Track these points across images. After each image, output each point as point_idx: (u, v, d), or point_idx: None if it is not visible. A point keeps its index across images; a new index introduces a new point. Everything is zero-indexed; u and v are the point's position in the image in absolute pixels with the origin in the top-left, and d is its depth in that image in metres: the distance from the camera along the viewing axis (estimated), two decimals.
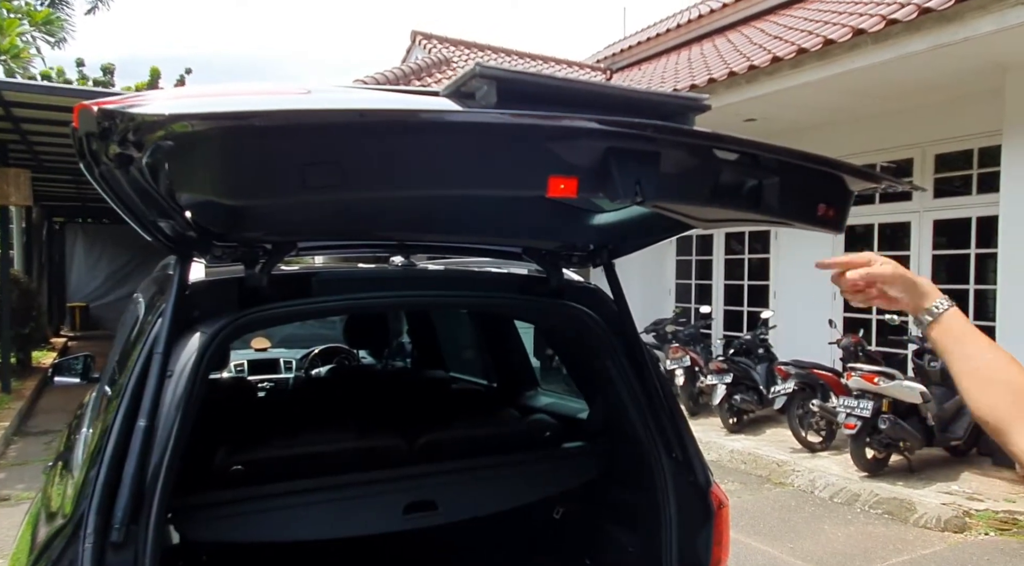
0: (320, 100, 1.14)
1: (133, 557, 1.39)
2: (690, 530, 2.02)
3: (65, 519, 1.50)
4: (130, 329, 2.13)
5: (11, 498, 5.56)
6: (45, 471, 2.45)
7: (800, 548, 4.61)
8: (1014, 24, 4.89)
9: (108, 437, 1.45)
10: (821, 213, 1.49)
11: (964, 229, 6.89)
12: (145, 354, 1.55)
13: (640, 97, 1.35)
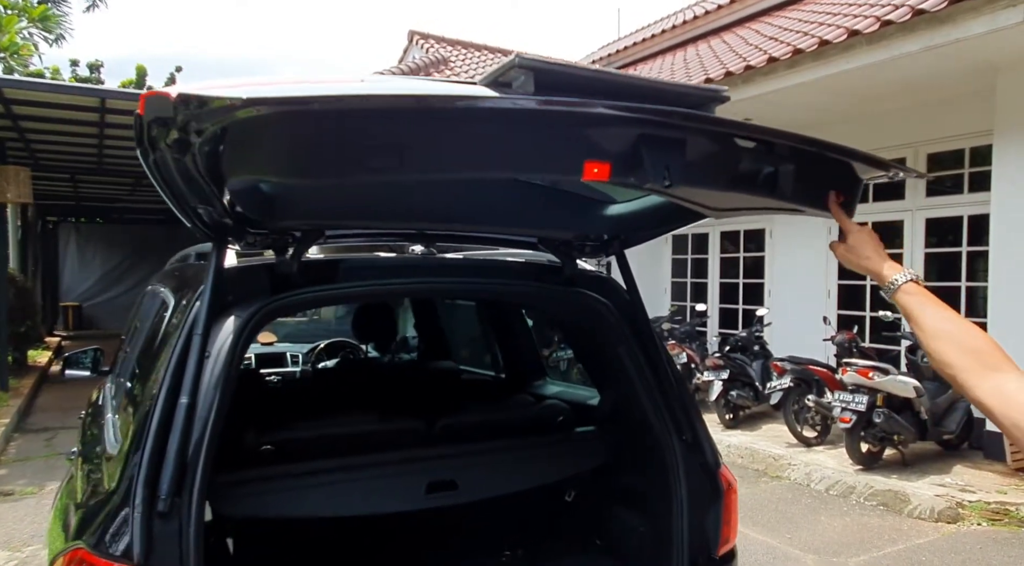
0: (378, 88, 1.20)
1: (178, 527, 1.45)
2: (700, 510, 2.10)
3: (108, 493, 1.56)
4: (155, 317, 2.19)
5: (15, 493, 5.59)
6: (70, 457, 2.50)
7: (798, 538, 4.70)
8: (1005, 26, 5.00)
9: (152, 414, 1.51)
10: (829, 200, 1.57)
11: (956, 227, 7.01)
12: (184, 336, 1.61)
13: (667, 88, 1.43)
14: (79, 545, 1.47)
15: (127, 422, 1.74)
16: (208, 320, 1.58)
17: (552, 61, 1.28)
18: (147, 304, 2.75)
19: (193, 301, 1.71)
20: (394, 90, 1.24)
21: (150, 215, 20.29)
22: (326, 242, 1.96)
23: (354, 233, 2.01)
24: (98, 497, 1.63)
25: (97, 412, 2.78)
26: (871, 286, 7.82)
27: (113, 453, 1.78)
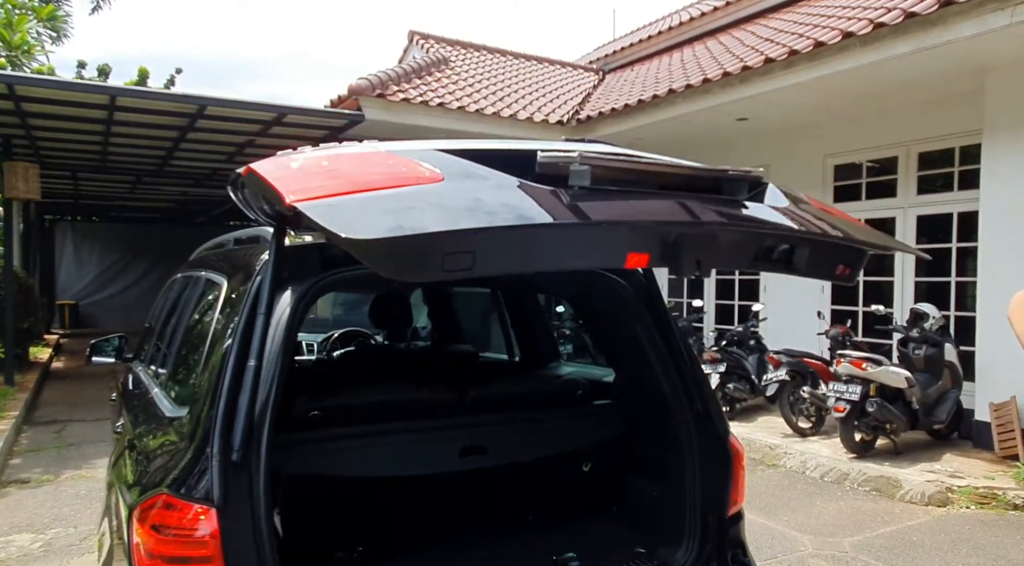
0: (457, 196, 1.28)
1: (248, 477, 1.61)
2: (712, 475, 2.27)
3: (182, 449, 1.72)
4: (204, 296, 2.34)
5: (31, 481, 5.72)
6: (117, 431, 2.65)
7: (794, 520, 4.89)
8: (993, 28, 5.20)
9: (223, 377, 1.67)
10: (839, 272, 1.77)
11: (946, 224, 7.22)
12: (248, 308, 1.77)
13: (705, 174, 1.57)
14: (162, 491, 1.62)
15: (191, 388, 1.90)
16: (271, 293, 1.74)
17: (608, 157, 1.42)
18: (186, 289, 2.91)
19: (253, 278, 1.87)
20: (484, 213, 1.27)
21: (148, 213, 20.39)
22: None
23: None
24: (170, 453, 1.78)
25: (136, 390, 2.93)
26: (863, 282, 8.03)
27: (176, 416, 1.93)
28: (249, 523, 1.58)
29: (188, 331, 2.41)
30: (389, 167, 1.35)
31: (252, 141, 9.67)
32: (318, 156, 1.41)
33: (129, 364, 3.96)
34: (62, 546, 4.38)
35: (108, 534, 2.19)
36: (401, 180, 1.29)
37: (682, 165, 1.57)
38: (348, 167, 1.35)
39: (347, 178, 1.28)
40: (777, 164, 8.97)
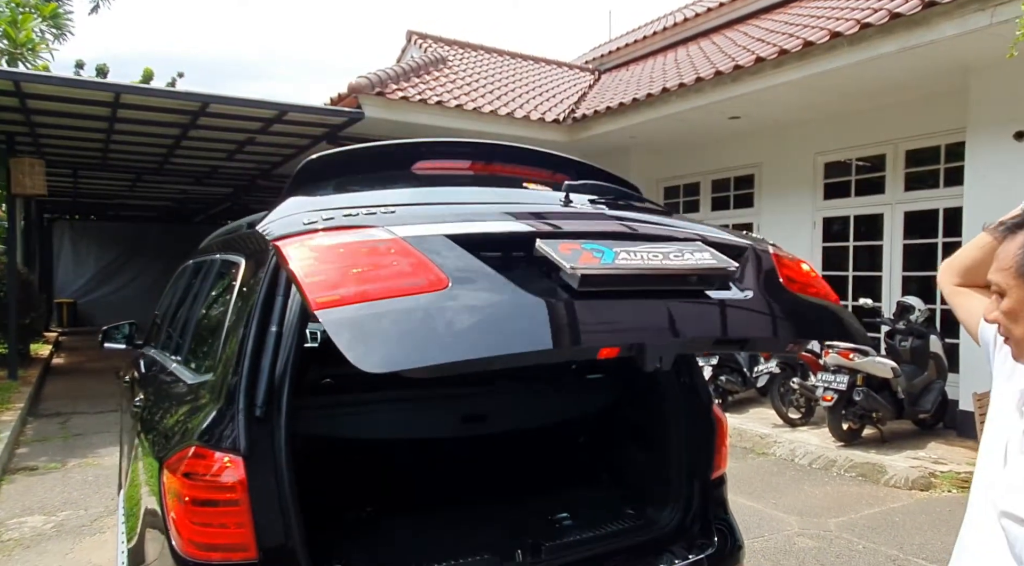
0: (461, 313, 1.41)
1: (270, 431, 1.77)
2: (697, 442, 2.43)
3: (208, 407, 1.87)
4: (222, 274, 2.49)
5: (39, 468, 5.85)
6: (136, 405, 2.80)
7: (782, 503, 5.06)
8: (975, 28, 5.38)
9: (246, 341, 1.83)
10: (789, 349, 1.95)
11: (932, 220, 7.40)
12: (268, 281, 1.92)
13: (682, 270, 1.67)
14: (191, 443, 1.77)
15: (213, 356, 2.04)
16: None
17: (598, 270, 1.55)
18: (200, 272, 3.06)
19: (271, 256, 2.02)
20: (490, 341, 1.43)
21: (146, 212, 20.49)
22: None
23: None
24: (197, 412, 1.94)
25: (154, 368, 3.09)
26: (853, 276, 8.22)
27: (201, 380, 2.09)
28: (271, 472, 1.74)
29: (208, 307, 2.56)
30: (400, 266, 1.45)
31: (253, 138, 9.82)
32: (335, 244, 1.50)
33: (140, 350, 4.10)
34: (73, 527, 4.53)
35: (133, 504, 2.34)
36: (411, 286, 1.41)
37: (664, 266, 1.65)
38: (364, 263, 1.45)
39: (363, 278, 1.41)
40: (769, 162, 9.15)
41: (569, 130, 10.04)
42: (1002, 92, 6.20)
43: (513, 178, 2.32)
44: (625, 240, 1.69)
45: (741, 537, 2.45)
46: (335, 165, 2.11)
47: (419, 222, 1.57)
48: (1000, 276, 1.23)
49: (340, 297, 1.36)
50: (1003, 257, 1.24)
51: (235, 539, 1.67)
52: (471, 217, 1.66)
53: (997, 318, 1.25)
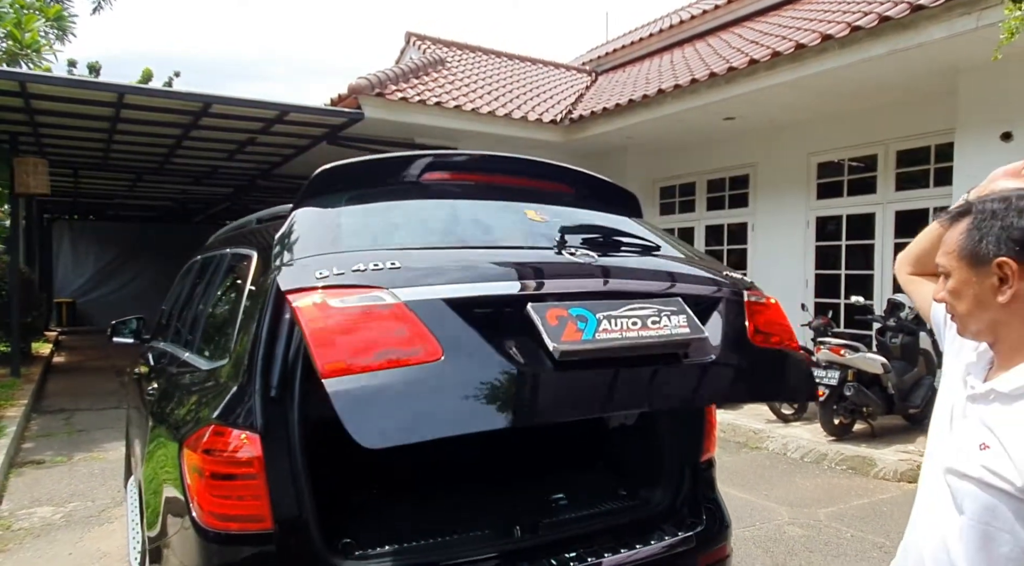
0: (454, 388, 1.65)
1: (284, 410, 1.88)
2: (687, 427, 2.55)
3: (224, 391, 1.98)
4: (234, 266, 2.60)
5: (46, 461, 5.96)
6: (150, 394, 2.91)
7: (774, 495, 5.18)
8: (961, 31, 5.51)
9: (262, 327, 1.94)
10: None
11: (923, 219, 7.53)
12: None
13: (657, 342, 1.89)
14: (210, 422, 1.89)
15: (228, 342, 2.16)
16: None
17: (579, 346, 1.77)
18: (209, 267, 3.18)
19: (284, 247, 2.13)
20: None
21: (146, 212, 20.57)
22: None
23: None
24: (213, 395, 2.05)
25: (165, 360, 3.20)
26: (845, 275, 8.35)
27: (216, 366, 2.20)
28: (285, 449, 1.85)
29: (221, 298, 2.67)
30: (400, 334, 1.64)
31: (253, 139, 9.92)
32: (344, 307, 1.66)
33: (148, 344, 4.21)
34: (82, 517, 4.64)
35: (147, 489, 2.45)
36: (408, 356, 1.61)
37: (638, 340, 1.86)
38: (369, 329, 1.64)
39: (367, 347, 1.61)
40: (763, 162, 9.28)
41: (566, 131, 10.16)
42: (990, 94, 6.34)
43: (517, 191, 2.42)
44: (610, 299, 1.89)
45: (729, 517, 2.58)
46: (347, 176, 2.19)
47: (421, 281, 1.73)
48: (945, 259, 1.36)
49: (346, 365, 1.55)
50: (948, 242, 1.36)
51: (252, 511, 1.79)
52: (469, 273, 1.81)
53: (944, 298, 1.37)
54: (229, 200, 16.43)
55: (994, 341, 1.33)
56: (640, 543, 2.26)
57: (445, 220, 2.18)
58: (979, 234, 1.29)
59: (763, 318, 2.16)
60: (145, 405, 2.98)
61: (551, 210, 2.30)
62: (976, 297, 1.30)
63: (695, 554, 2.35)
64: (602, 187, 2.66)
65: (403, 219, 2.15)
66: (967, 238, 1.31)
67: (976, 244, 1.29)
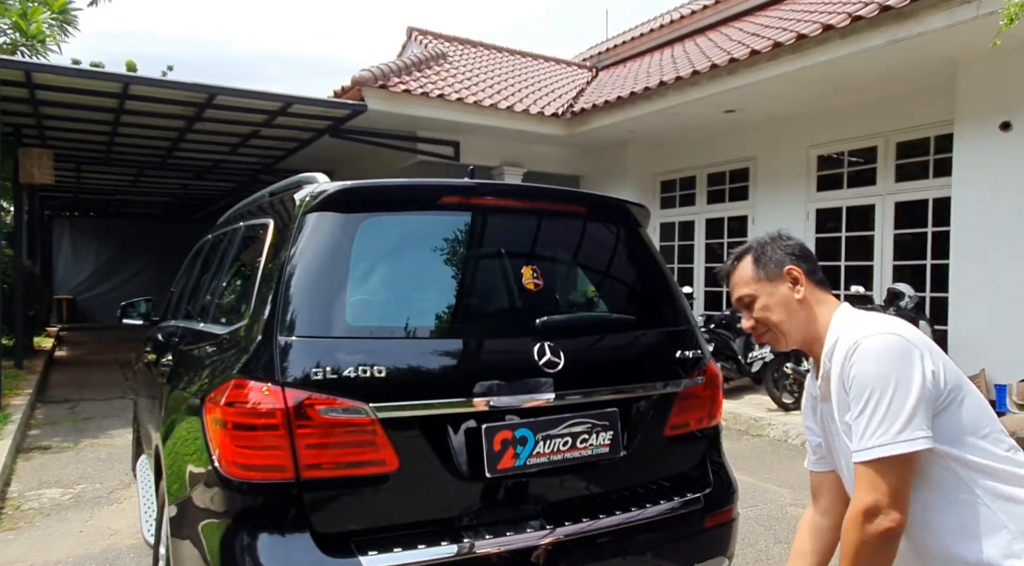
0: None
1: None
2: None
3: (244, 349, 2.03)
4: (251, 236, 2.65)
5: (52, 447, 6.00)
6: (165, 366, 2.96)
7: (775, 478, 5.23)
8: (961, 20, 5.57)
9: (280, 286, 1.99)
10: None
11: (922, 209, 7.60)
12: (296, 236, 2.09)
13: (579, 460, 2.24)
14: (235, 376, 1.94)
15: (247, 305, 2.20)
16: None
17: (510, 472, 2.09)
18: (222, 242, 3.22)
19: (299, 211, 2.18)
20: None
21: (146, 208, 20.60)
22: None
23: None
24: (232, 354, 2.10)
25: (178, 333, 3.25)
26: (845, 266, 8.41)
27: (234, 328, 2.25)
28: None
29: (238, 265, 2.72)
30: (370, 445, 1.97)
31: (257, 132, 9.96)
32: (332, 420, 1.90)
33: (158, 325, 4.26)
34: (90, 499, 4.68)
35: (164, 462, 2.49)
36: (372, 465, 1.98)
37: (565, 461, 2.22)
38: (347, 439, 1.95)
39: (342, 454, 1.96)
40: (763, 155, 9.34)
41: (568, 124, 10.21)
42: (988, 84, 6.40)
43: (527, 226, 2.46)
44: (555, 415, 2.16)
45: (735, 482, 2.63)
46: (365, 198, 2.19)
47: (399, 395, 1.95)
48: (748, 288, 1.70)
49: (322, 471, 1.87)
50: (743, 277, 1.72)
51: (275, 461, 1.84)
52: (444, 387, 2.03)
53: (753, 323, 1.70)
54: (230, 196, 16.46)
55: (807, 341, 1.66)
56: (649, 503, 2.30)
57: (445, 284, 2.27)
58: (765, 258, 1.68)
59: (687, 404, 2.49)
60: (160, 376, 3.02)
61: (548, 267, 2.40)
62: (781, 303, 1.65)
63: (703, 515, 2.40)
64: (606, 203, 2.71)
65: (406, 276, 2.24)
66: (757, 265, 1.69)
67: (766, 265, 1.67)
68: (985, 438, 1.46)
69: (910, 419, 1.39)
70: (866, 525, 1.40)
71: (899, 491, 1.39)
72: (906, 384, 1.40)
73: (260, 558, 1.82)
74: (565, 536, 2.09)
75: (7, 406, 6.90)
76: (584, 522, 2.14)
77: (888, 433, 1.38)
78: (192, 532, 2.04)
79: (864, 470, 1.42)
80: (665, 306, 2.62)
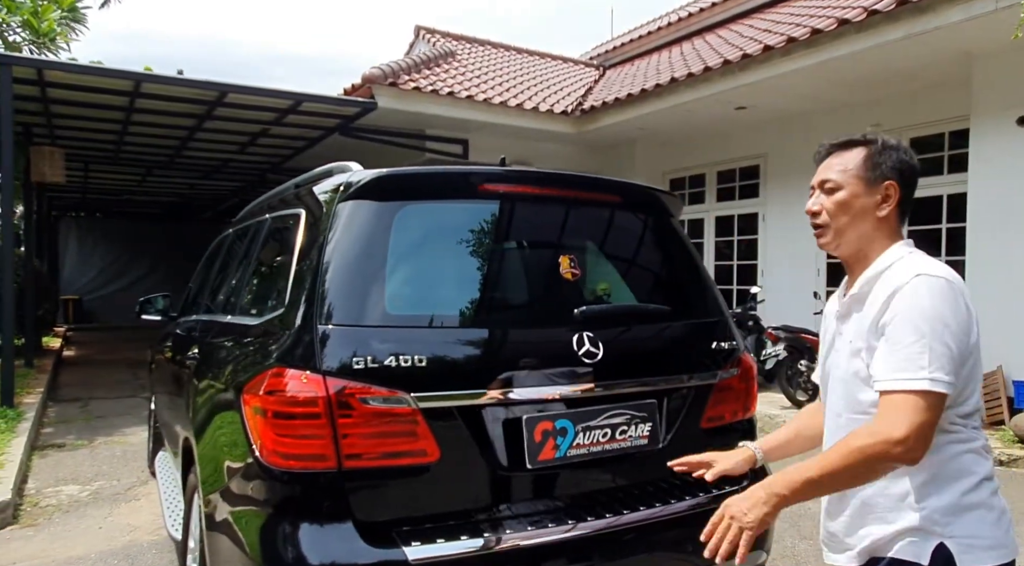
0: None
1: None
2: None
3: (281, 338, 2.01)
4: (281, 226, 2.62)
5: (66, 445, 5.99)
6: (191, 359, 2.94)
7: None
8: (979, 14, 5.53)
9: (318, 274, 1.97)
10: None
11: (936, 206, 7.56)
12: (331, 225, 2.07)
13: (617, 452, 2.24)
14: (271, 365, 1.92)
15: (280, 295, 2.18)
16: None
17: (551, 464, 2.08)
18: (246, 236, 3.20)
19: (336, 200, 2.15)
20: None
21: (152, 208, 20.61)
22: None
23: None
24: (268, 343, 2.07)
25: (202, 327, 3.23)
26: None
27: (267, 318, 2.22)
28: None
29: (266, 258, 2.70)
30: (411, 435, 1.96)
31: (266, 130, 9.95)
32: (375, 410, 1.89)
33: (177, 321, 4.24)
34: (108, 495, 4.66)
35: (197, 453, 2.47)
36: (414, 456, 1.98)
37: (605, 452, 2.21)
38: (390, 428, 1.93)
39: (383, 443, 1.95)
40: (774, 152, 9.30)
41: (577, 122, 10.19)
42: (1005, 79, 6.36)
43: (564, 215, 2.44)
44: (595, 405, 2.14)
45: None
46: (404, 185, 2.17)
47: (439, 384, 1.93)
48: (839, 176, 1.57)
49: (363, 460, 1.85)
50: (845, 162, 1.58)
51: (317, 450, 1.81)
52: (484, 376, 2.00)
53: (821, 208, 1.59)
54: (237, 196, 16.45)
55: (855, 255, 1.57)
56: (688, 495, 2.28)
57: (482, 273, 2.24)
58: (879, 159, 1.56)
59: (723, 396, 2.48)
60: (186, 370, 3.00)
61: (584, 258, 2.38)
62: (861, 209, 1.55)
63: None
64: (641, 192, 2.68)
65: (442, 264, 2.20)
66: (866, 161, 1.56)
67: (876, 167, 1.55)
68: (963, 405, 1.45)
69: (958, 366, 1.39)
70: (888, 449, 1.35)
71: (930, 430, 1.36)
72: (960, 330, 1.40)
73: (302, 548, 1.80)
74: (606, 528, 2.06)
75: (20, 404, 6.89)
76: (624, 514, 2.11)
77: (941, 370, 1.35)
78: (229, 524, 2.02)
79: (906, 398, 1.36)
80: (699, 297, 2.60)
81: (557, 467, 2.08)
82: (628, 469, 2.25)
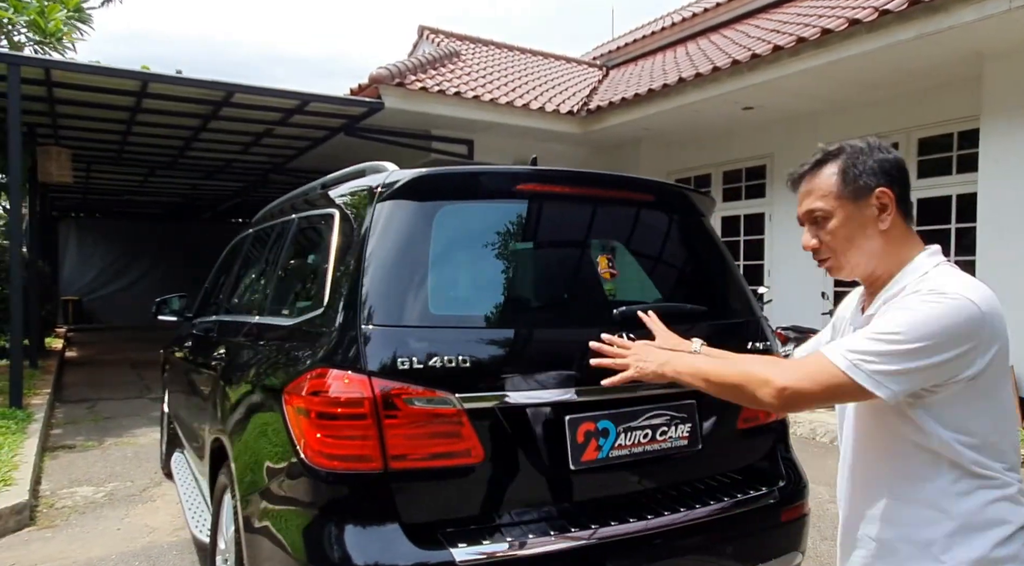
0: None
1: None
2: None
3: (324, 337, 1.99)
4: (313, 225, 2.61)
5: (77, 446, 5.96)
6: (217, 360, 2.92)
7: (810, 476, 5.14)
8: (992, 14, 5.53)
9: (360, 274, 1.96)
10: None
11: (945, 206, 7.56)
12: (371, 225, 2.05)
13: (658, 452, 2.22)
14: (315, 365, 1.90)
15: (319, 294, 2.16)
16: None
17: (594, 464, 2.07)
18: (269, 238, 3.19)
19: (375, 200, 2.14)
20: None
21: (153, 208, 20.55)
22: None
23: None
24: (308, 344, 2.06)
25: (226, 329, 3.21)
26: None
27: (304, 319, 2.21)
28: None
29: (298, 259, 2.68)
30: (456, 435, 1.94)
31: (271, 130, 9.92)
32: (419, 411, 1.88)
33: (193, 321, 4.22)
34: (123, 496, 4.64)
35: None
36: (458, 456, 1.94)
37: (646, 454, 2.19)
38: (434, 429, 1.92)
39: (430, 444, 1.94)
40: (781, 153, 9.30)
41: (583, 122, 10.18)
42: (1016, 78, 6.36)
43: (600, 214, 2.43)
44: (636, 406, 2.14)
45: (806, 477, 2.59)
46: (437, 185, 2.15)
47: (483, 385, 1.93)
48: (823, 202, 1.43)
49: (409, 461, 1.84)
50: (818, 186, 1.45)
51: (363, 451, 1.80)
52: (527, 380, 1.99)
53: (817, 243, 1.47)
54: (239, 196, 16.40)
55: (872, 275, 1.44)
56: (727, 496, 2.27)
57: (522, 273, 2.24)
58: (856, 171, 1.40)
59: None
60: (211, 371, 2.98)
61: (620, 256, 2.38)
62: (860, 229, 1.40)
63: (778, 509, 2.36)
64: (673, 192, 2.69)
65: (483, 264, 2.18)
66: (843, 176, 1.41)
67: (855, 179, 1.40)
68: (979, 447, 1.32)
69: (904, 373, 1.26)
70: (761, 388, 1.35)
71: (807, 403, 1.33)
72: (934, 351, 1.26)
73: (348, 549, 1.78)
74: (648, 529, 2.05)
75: (28, 405, 6.86)
76: (666, 515, 2.10)
77: (882, 364, 1.26)
78: (271, 525, 2.00)
79: (820, 361, 1.31)
80: (732, 297, 2.59)
81: (601, 468, 2.07)
82: (669, 470, 2.24)
